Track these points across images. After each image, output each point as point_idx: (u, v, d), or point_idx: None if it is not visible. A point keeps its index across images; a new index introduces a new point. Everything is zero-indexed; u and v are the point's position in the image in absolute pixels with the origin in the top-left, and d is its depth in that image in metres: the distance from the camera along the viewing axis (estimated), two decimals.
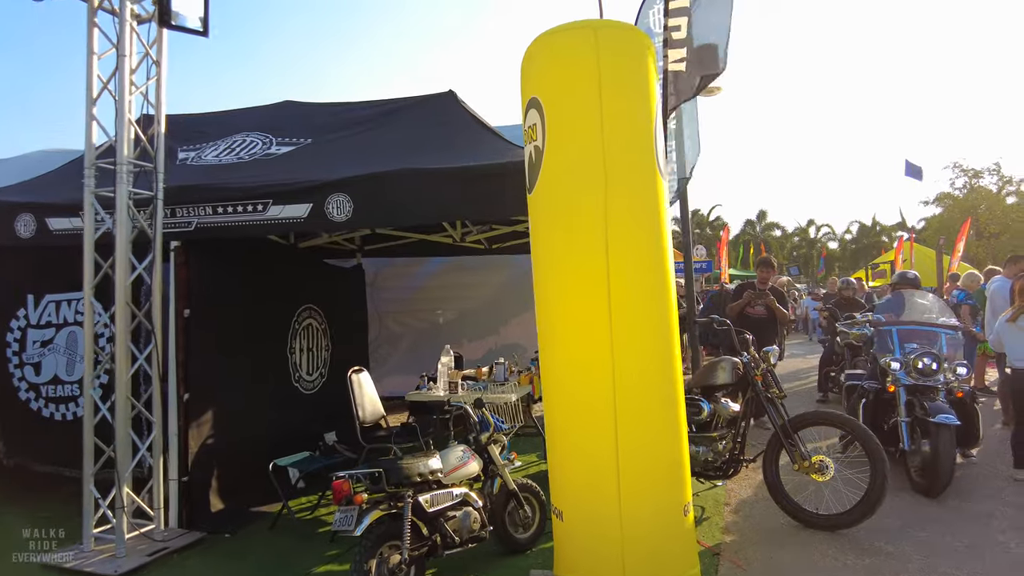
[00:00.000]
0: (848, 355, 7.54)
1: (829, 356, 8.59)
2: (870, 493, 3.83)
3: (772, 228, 44.60)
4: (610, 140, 2.85)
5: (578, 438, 2.92)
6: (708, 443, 4.40)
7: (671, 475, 2.91)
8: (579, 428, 2.91)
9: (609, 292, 2.83)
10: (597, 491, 2.83)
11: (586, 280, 2.88)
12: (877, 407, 5.26)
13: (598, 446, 2.83)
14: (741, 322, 6.32)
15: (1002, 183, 33.70)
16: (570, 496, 2.97)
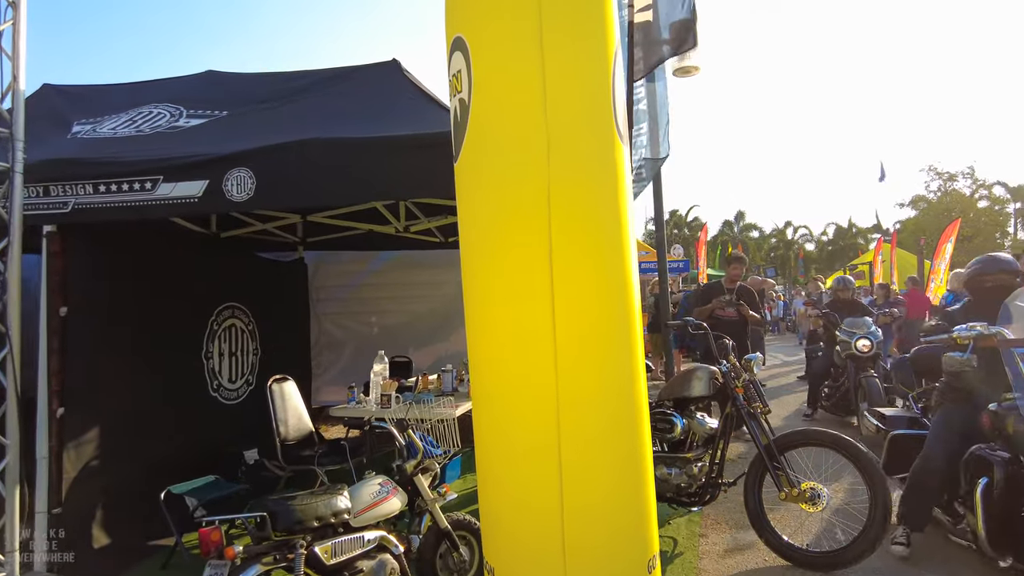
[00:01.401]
0: (851, 369, 6.47)
1: (825, 369, 7.33)
2: (870, 527, 3.24)
3: (750, 229, 44.47)
4: (554, 92, 2.19)
5: (513, 479, 2.26)
6: (681, 465, 3.79)
7: (632, 525, 2.26)
8: (513, 467, 2.25)
9: (552, 290, 2.17)
10: (535, 547, 2.18)
11: (522, 274, 2.22)
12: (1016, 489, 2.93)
13: (537, 489, 2.17)
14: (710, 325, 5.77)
15: (975, 187, 33.96)
16: (503, 551, 2.31)
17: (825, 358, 7.34)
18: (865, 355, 6.44)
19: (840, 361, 6.81)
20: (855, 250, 37.45)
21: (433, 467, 3.00)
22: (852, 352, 6.50)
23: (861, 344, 6.44)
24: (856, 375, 6.41)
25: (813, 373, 7.67)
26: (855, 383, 6.44)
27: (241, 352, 5.34)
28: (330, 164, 3.39)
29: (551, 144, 2.19)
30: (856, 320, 6.78)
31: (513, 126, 2.24)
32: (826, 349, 7.44)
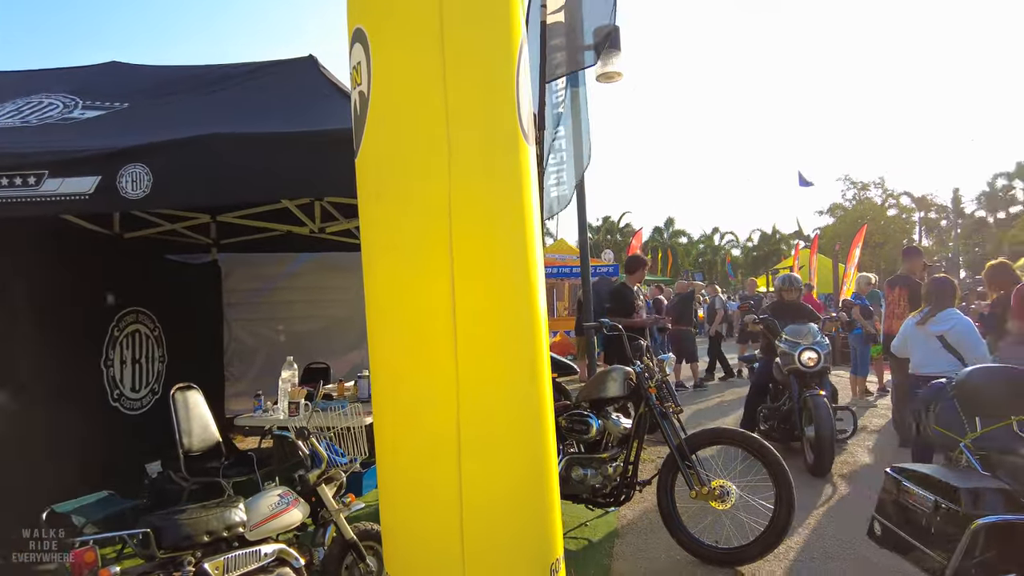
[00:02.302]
0: (795, 386, 5.52)
1: (763, 385, 6.25)
2: (775, 522, 3.34)
3: (679, 235, 45.86)
4: (454, 86, 2.14)
5: (411, 486, 2.19)
6: (597, 465, 3.81)
7: (534, 528, 2.23)
8: (412, 473, 2.18)
9: (453, 291, 2.12)
10: (434, 553, 2.13)
11: (422, 273, 2.16)
12: None
13: (435, 495, 2.11)
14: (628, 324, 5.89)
15: (885, 196, 36.06)
16: (401, 559, 2.24)
17: (763, 371, 6.29)
18: (811, 370, 5.46)
19: (781, 376, 5.81)
20: (779, 255, 39.25)
21: (339, 476, 2.90)
22: (795, 367, 5.51)
23: (806, 357, 5.47)
24: (800, 394, 5.44)
25: (752, 391, 6.46)
26: (799, 403, 5.45)
27: (146, 359, 5.05)
28: (235, 161, 3.24)
29: (451, 140, 2.14)
30: (799, 328, 5.76)
31: (413, 120, 2.18)
32: (763, 362, 6.39)
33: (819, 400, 5.24)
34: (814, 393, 5.33)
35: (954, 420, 2.83)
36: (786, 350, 5.64)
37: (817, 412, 5.11)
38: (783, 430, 5.82)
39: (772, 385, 6.16)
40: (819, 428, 5.06)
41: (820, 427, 5.06)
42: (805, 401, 5.36)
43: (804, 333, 5.70)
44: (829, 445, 5.05)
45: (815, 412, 5.13)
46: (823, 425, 5.06)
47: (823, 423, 5.06)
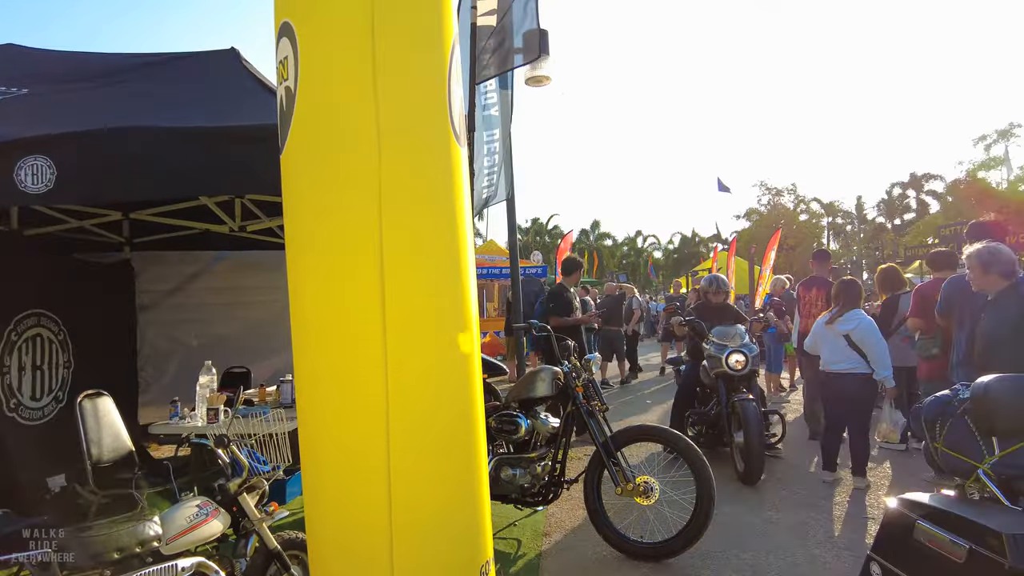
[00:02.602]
0: (723, 390, 5.31)
1: (690, 389, 6.01)
2: (697, 516, 3.47)
3: (604, 237, 46.93)
4: (385, 84, 2.12)
5: (338, 490, 2.15)
6: (525, 465, 3.85)
7: (464, 531, 2.23)
8: (339, 477, 2.14)
9: (383, 292, 2.09)
10: (361, 559, 2.09)
11: (350, 275, 2.13)
12: None
13: (362, 498, 2.08)
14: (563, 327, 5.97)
15: (797, 202, 38.09)
16: (327, 565, 2.20)
17: (690, 375, 6.07)
18: (739, 373, 5.26)
19: (709, 380, 5.61)
20: (698, 257, 40.78)
21: (261, 484, 2.80)
22: (723, 370, 5.29)
23: (733, 360, 5.24)
24: (729, 398, 5.25)
25: (679, 396, 6.19)
26: (727, 408, 5.25)
27: (48, 366, 4.72)
28: (148, 155, 3.08)
29: (382, 139, 2.11)
30: (726, 329, 5.53)
31: (342, 118, 2.14)
32: (690, 365, 6.15)
33: (748, 405, 5.02)
34: (743, 398, 5.11)
35: (967, 441, 2.49)
36: (713, 353, 5.40)
37: (747, 418, 4.93)
38: (711, 435, 5.59)
39: (700, 389, 5.97)
40: (749, 435, 4.89)
41: (750, 434, 4.89)
42: (734, 406, 5.12)
43: (731, 335, 5.45)
44: (759, 453, 4.88)
45: (745, 418, 4.95)
46: (753, 432, 4.88)
47: (753, 430, 4.88)
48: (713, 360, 5.41)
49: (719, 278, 6.25)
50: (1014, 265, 3.64)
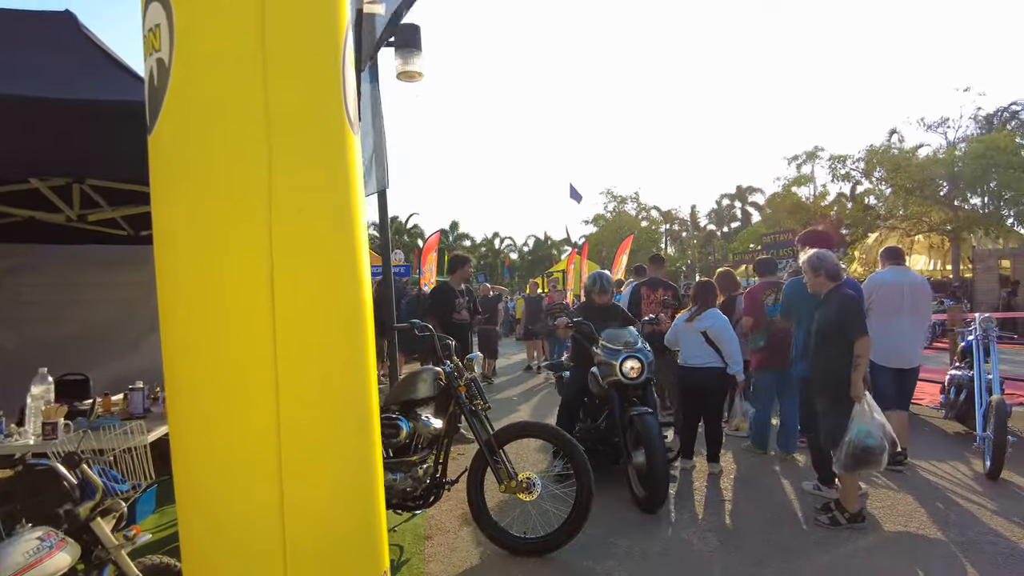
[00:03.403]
0: (617, 401, 4.61)
1: (576, 400, 5.27)
2: (576, 509, 3.57)
3: (463, 238, 47.30)
4: (275, 62, 1.95)
5: (223, 510, 1.94)
6: (407, 469, 3.74)
7: (363, 545, 2.12)
8: (224, 495, 1.94)
9: (273, 292, 1.93)
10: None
11: (236, 271, 1.93)
12: None
13: (253, 518, 1.91)
14: (446, 328, 5.91)
15: (639, 209, 40.81)
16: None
17: (576, 383, 5.26)
18: (634, 381, 4.58)
19: (599, 389, 4.88)
20: (551, 260, 42.41)
21: (118, 506, 2.46)
22: (617, 378, 4.60)
23: (628, 367, 4.60)
24: (624, 411, 4.55)
25: (561, 407, 5.41)
26: (623, 422, 4.54)
27: None
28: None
29: (272, 121, 1.94)
30: (617, 332, 4.89)
31: (226, 97, 1.93)
32: (575, 372, 5.35)
33: (649, 420, 4.34)
34: (641, 411, 4.44)
35: None
36: (604, 359, 4.71)
37: (648, 435, 4.24)
38: (603, 453, 4.86)
39: (588, 399, 5.27)
40: (652, 454, 4.19)
41: (653, 453, 4.19)
42: (631, 420, 4.45)
43: (623, 338, 4.80)
44: (664, 475, 4.20)
45: (645, 435, 4.26)
46: (656, 451, 4.20)
47: (656, 448, 4.21)
48: (605, 367, 4.71)
49: (604, 275, 5.52)
50: (839, 269, 4.15)
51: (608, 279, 5.52)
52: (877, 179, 24.03)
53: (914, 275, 5.48)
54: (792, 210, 29.16)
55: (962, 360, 6.49)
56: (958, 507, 4.21)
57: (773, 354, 5.44)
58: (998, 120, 26.93)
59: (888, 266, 5.50)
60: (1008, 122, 26.85)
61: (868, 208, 25.95)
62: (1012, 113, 27.27)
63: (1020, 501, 4.29)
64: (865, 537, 3.76)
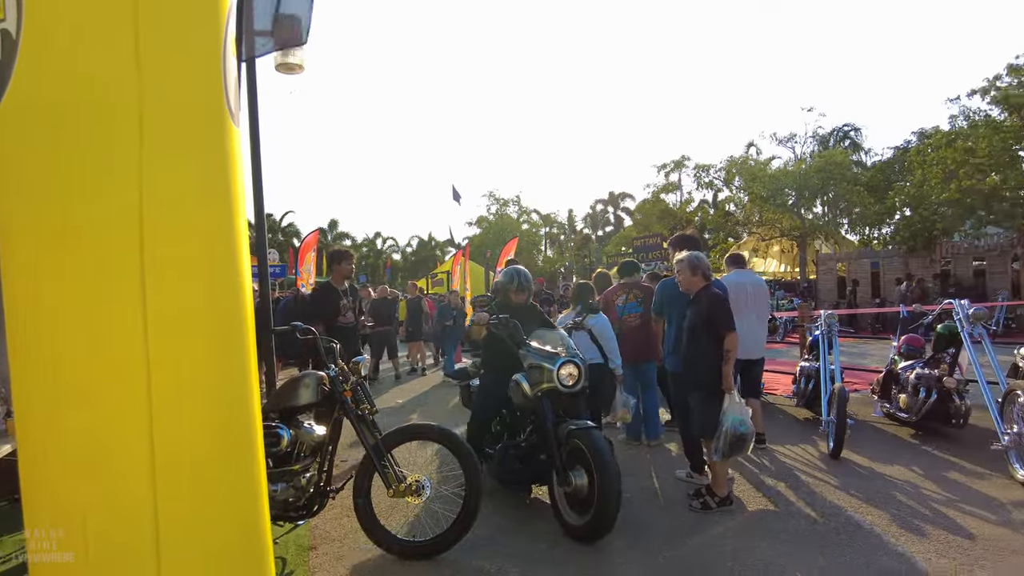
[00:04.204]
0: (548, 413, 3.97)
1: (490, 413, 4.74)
2: (466, 508, 3.58)
3: (343, 238, 45.91)
4: (150, 41, 1.81)
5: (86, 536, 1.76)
6: (289, 478, 3.58)
7: (245, 557, 2.00)
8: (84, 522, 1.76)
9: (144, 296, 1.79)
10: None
11: (101, 273, 1.77)
12: None
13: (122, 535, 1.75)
14: (331, 332, 5.69)
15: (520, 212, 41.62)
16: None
17: (489, 393, 4.65)
18: (571, 390, 3.99)
19: (523, 400, 4.16)
20: (434, 261, 42.23)
21: None
22: (552, 386, 3.97)
23: (566, 373, 3.99)
24: (560, 425, 3.94)
25: (471, 422, 4.78)
26: (560, 439, 3.89)
27: None
28: None
29: (145, 108, 1.80)
30: (547, 333, 4.42)
31: (90, 79, 1.76)
32: (489, 379, 4.70)
33: (596, 435, 3.78)
34: (584, 426, 3.87)
35: None
36: (536, 363, 4.09)
37: (598, 453, 3.65)
38: (523, 473, 4.26)
39: (507, 412, 4.64)
40: (604, 475, 3.57)
41: (606, 473, 3.57)
42: (571, 436, 3.83)
43: (556, 340, 4.27)
44: (617, 499, 3.60)
45: (595, 453, 3.66)
46: (609, 470, 3.58)
47: (609, 468, 3.59)
48: (535, 373, 4.06)
49: (521, 271, 4.83)
50: (710, 269, 4.48)
51: (527, 276, 4.81)
52: (736, 188, 26.09)
53: (755, 276, 6.05)
54: (661, 216, 31.05)
55: (810, 352, 7.22)
56: (808, 485, 4.67)
57: (626, 350, 5.79)
58: (834, 139, 30.26)
59: (733, 270, 6.08)
60: (842, 140, 30.24)
61: (728, 215, 28.15)
62: (845, 133, 30.74)
63: (858, 476, 4.83)
64: (733, 519, 4.07)
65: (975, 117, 20.29)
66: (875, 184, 23.78)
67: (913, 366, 6.16)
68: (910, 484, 4.61)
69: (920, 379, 5.91)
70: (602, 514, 3.59)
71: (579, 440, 3.80)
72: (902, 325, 7.35)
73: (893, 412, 6.28)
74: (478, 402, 4.88)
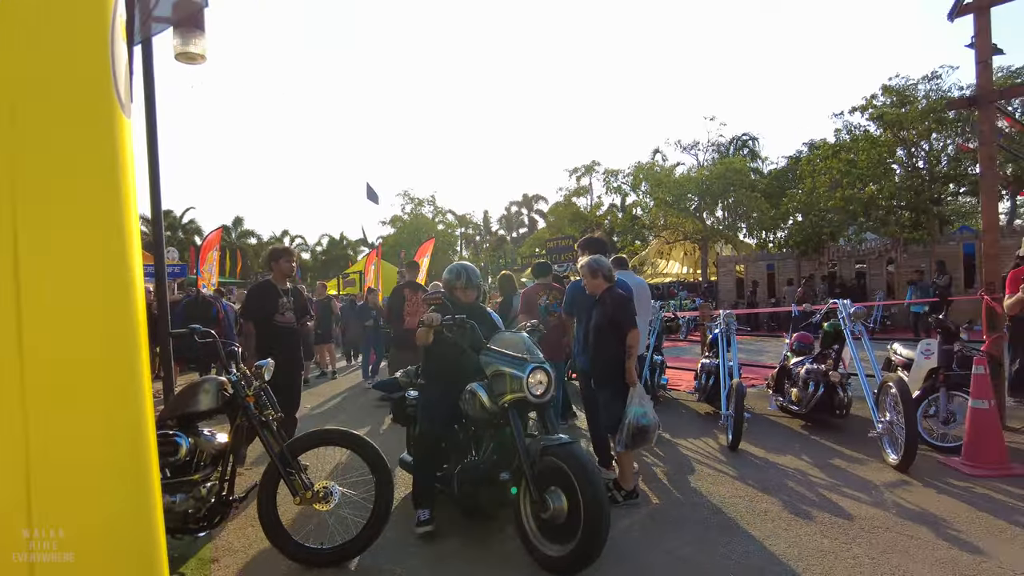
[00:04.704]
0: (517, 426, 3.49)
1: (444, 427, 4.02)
2: (375, 514, 3.52)
3: (248, 235, 43.96)
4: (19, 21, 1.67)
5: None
6: (188, 489, 3.42)
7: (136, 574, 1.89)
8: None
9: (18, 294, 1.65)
10: None
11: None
12: None
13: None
14: (268, 332, 5.36)
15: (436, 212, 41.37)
16: None
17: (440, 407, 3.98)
18: (541, 400, 3.57)
19: (480, 413, 3.69)
20: (346, 260, 41.20)
21: None
22: (521, 395, 3.50)
23: (536, 380, 3.53)
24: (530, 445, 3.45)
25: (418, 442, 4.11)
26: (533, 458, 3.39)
27: None
28: None
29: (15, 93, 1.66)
30: (509, 336, 3.91)
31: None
32: (435, 391, 4.03)
33: (578, 451, 3.32)
34: (562, 440, 3.36)
35: None
36: (502, 370, 3.60)
37: (584, 472, 3.17)
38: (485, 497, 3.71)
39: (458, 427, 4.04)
40: (592, 497, 3.10)
41: (593, 494, 3.10)
42: (547, 453, 3.32)
43: (519, 345, 3.75)
44: (606, 521, 3.12)
45: (579, 471, 3.17)
46: (597, 490, 3.13)
47: (598, 489, 3.14)
48: (499, 381, 3.60)
49: (468, 268, 4.30)
50: (612, 271, 4.62)
51: (475, 272, 4.25)
52: (643, 193, 27.07)
53: (638, 278, 6.29)
54: (572, 218, 31.75)
55: (710, 350, 7.61)
56: (709, 476, 4.92)
57: (546, 348, 5.92)
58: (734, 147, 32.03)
59: (617, 271, 6.33)
60: (741, 149, 32.04)
61: (635, 218, 29.16)
62: (743, 142, 32.60)
63: (754, 467, 5.14)
64: (640, 511, 4.22)
65: (856, 132, 22.09)
66: (771, 191, 25.39)
67: (803, 362, 6.62)
68: (800, 472, 4.94)
69: (809, 374, 6.35)
70: (590, 542, 3.10)
71: (556, 457, 3.28)
72: (793, 323, 7.87)
73: (786, 405, 6.72)
74: (424, 419, 4.07)
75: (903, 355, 6.75)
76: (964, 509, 4.03)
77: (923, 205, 19.57)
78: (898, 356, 6.82)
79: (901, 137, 20.23)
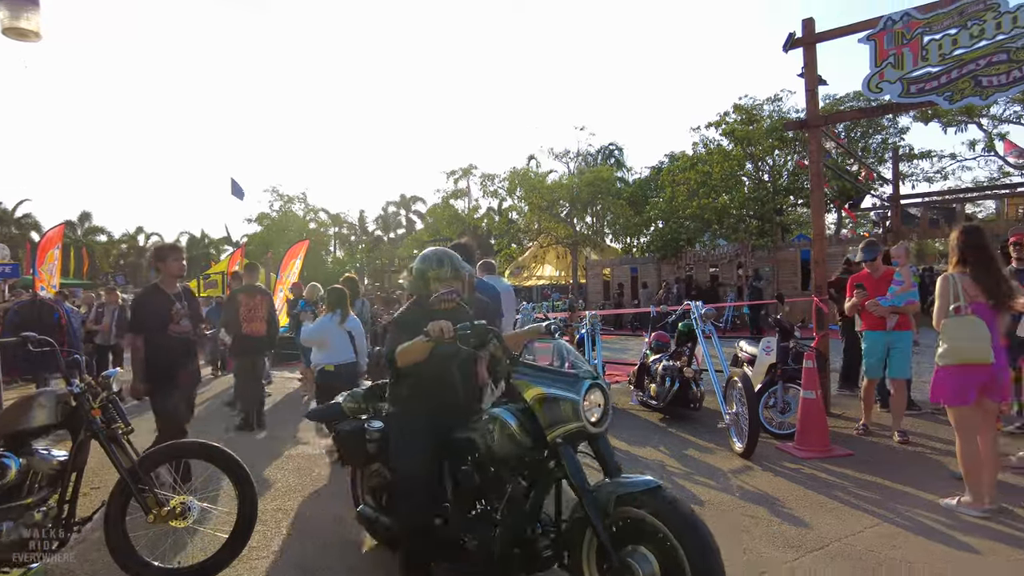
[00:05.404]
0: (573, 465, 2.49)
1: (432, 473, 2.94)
2: (240, 525, 3.38)
3: (97, 232, 39.92)
4: None
5: None
6: (17, 515, 3.10)
7: None
8: None
9: None
10: None
11: None
12: None
13: None
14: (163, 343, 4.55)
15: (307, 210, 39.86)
16: None
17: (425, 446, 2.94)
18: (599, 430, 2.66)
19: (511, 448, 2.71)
20: (208, 260, 38.55)
21: None
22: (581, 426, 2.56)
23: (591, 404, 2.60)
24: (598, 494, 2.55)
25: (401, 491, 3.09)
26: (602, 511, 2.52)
27: None
28: None
29: None
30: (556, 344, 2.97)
31: None
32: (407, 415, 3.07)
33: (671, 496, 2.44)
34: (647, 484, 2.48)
35: None
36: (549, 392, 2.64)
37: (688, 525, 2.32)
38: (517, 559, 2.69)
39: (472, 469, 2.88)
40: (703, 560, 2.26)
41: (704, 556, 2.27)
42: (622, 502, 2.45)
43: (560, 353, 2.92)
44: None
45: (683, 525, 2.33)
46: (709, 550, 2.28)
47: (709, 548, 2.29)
48: (554, 408, 2.60)
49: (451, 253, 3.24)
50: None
51: (459, 260, 3.16)
52: (518, 197, 27.73)
53: (504, 282, 6.56)
54: (451, 220, 31.85)
55: (578, 349, 7.97)
56: None
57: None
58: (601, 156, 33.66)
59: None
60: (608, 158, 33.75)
61: (511, 222, 29.81)
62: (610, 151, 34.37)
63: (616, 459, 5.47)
64: None
65: (711, 145, 24.01)
66: (635, 199, 26.95)
67: (661, 359, 7.12)
68: (658, 463, 5.33)
69: (666, 370, 6.85)
70: None
71: (644, 507, 2.42)
72: (652, 323, 8.45)
73: (646, 400, 7.20)
74: (407, 459, 2.99)
75: (748, 352, 7.44)
76: (794, 488, 4.54)
77: (768, 215, 21.63)
78: (744, 353, 7.51)
79: (749, 152, 22.24)
